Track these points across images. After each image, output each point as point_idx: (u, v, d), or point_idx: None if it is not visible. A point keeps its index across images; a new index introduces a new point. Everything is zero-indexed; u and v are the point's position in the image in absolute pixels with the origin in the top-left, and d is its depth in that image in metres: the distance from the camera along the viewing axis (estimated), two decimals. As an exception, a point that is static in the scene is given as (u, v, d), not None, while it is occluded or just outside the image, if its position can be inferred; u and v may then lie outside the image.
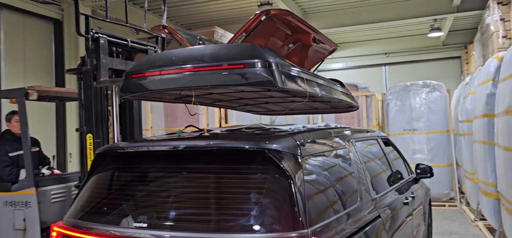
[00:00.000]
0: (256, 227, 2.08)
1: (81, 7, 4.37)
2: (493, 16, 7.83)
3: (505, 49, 7.60)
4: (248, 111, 4.60)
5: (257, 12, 3.22)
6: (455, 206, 8.99)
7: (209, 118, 6.93)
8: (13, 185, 4.49)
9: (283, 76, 2.43)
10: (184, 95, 3.19)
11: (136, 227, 2.27)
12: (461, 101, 9.04)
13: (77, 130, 4.19)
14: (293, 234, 2.03)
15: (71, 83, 7.69)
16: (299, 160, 2.35)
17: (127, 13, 4.59)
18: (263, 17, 3.00)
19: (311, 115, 9.57)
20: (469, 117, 7.78)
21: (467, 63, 13.06)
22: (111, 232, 2.35)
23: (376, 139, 4.18)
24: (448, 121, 9.47)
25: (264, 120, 7.27)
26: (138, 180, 2.61)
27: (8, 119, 4.84)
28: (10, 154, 4.71)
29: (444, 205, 8.95)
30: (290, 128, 2.93)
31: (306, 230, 2.06)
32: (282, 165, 2.21)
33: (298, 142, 2.50)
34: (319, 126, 3.61)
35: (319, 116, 9.57)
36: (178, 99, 3.37)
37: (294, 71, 2.70)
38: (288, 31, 3.46)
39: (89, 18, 3.96)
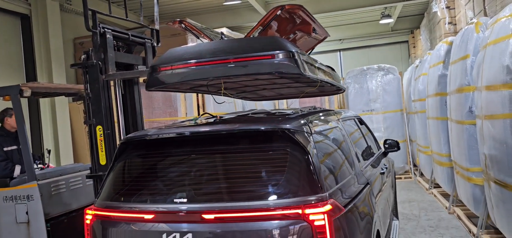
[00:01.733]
0: (284, 194, 2.51)
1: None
2: (439, 4, 8.66)
3: (451, 34, 8.46)
4: (258, 98, 5.02)
5: (273, 7, 3.64)
6: (410, 178, 9.90)
7: (187, 106, 7.22)
8: (12, 180, 4.60)
9: (305, 65, 2.86)
10: (209, 85, 3.46)
11: (175, 202, 2.63)
12: (412, 83, 9.89)
13: (85, 123, 4.35)
14: (315, 197, 2.48)
15: (42, 79, 7.66)
16: (310, 137, 2.80)
17: (127, 8, 4.79)
18: (279, 12, 3.43)
19: (276, 101, 10.09)
20: (421, 97, 8.61)
21: (414, 46, 14.12)
22: (149, 208, 2.67)
23: (354, 119, 4.73)
24: (401, 101, 10.33)
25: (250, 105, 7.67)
26: (167, 163, 2.93)
27: (2, 116, 4.90)
28: (5, 149, 4.80)
29: (400, 178, 9.82)
30: (292, 112, 3.37)
31: (325, 193, 2.52)
32: (299, 141, 2.65)
33: (305, 122, 2.95)
34: (308, 108, 4.08)
35: (284, 101, 10.13)
36: (200, 89, 3.62)
37: (310, 60, 3.11)
38: (295, 22, 3.88)
39: (96, 13, 4.11)
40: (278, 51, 2.77)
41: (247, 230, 2.45)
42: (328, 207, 2.44)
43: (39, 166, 5.13)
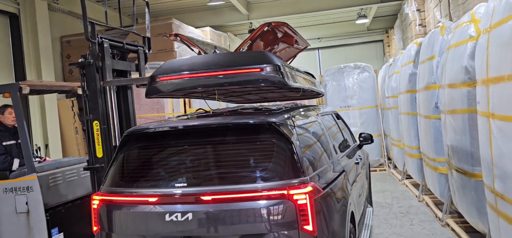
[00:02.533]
0: (271, 178, 2.91)
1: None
2: (411, 7, 9.22)
3: (421, 35, 9.04)
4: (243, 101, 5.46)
5: (261, 24, 4.13)
6: (384, 170, 10.47)
7: (174, 103, 7.55)
8: (11, 173, 4.86)
9: (290, 77, 3.30)
10: (203, 92, 3.86)
11: (176, 186, 3.00)
12: (386, 80, 10.45)
13: (82, 118, 4.67)
14: (298, 180, 2.89)
15: (31, 76, 7.85)
16: (293, 129, 3.22)
17: (121, 17, 5.11)
18: (266, 28, 3.88)
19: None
20: (394, 93, 9.16)
21: (388, 46, 14.75)
22: (152, 192, 3.04)
23: (331, 114, 5.18)
24: (376, 97, 10.89)
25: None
26: (167, 153, 3.30)
27: (1, 112, 5.15)
28: (4, 143, 5.06)
29: (375, 170, 10.37)
30: (277, 108, 3.78)
31: (306, 177, 2.94)
32: (284, 132, 3.06)
33: (288, 116, 3.37)
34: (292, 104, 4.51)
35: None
36: (193, 94, 4.02)
37: (293, 72, 3.56)
38: (279, 35, 4.33)
39: (95, 25, 4.44)
40: (265, 65, 3.20)
41: (239, 209, 2.85)
42: (309, 188, 2.86)
43: (36, 159, 5.39)
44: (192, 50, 4.75)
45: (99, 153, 4.70)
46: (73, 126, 8.15)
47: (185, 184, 3.00)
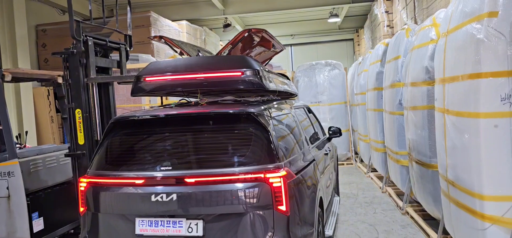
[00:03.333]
0: (249, 163, 3.20)
1: None
2: (380, 9, 9.69)
3: (389, 36, 9.53)
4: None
5: (242, 30, 4.47)
6: (351, 164, 10.96)
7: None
8: (-8, 158, 4.95)
9: (267, 80, 3.61)
10: (186, 91, 4.09)
11: (162, 170, 3.25)
12: (355, 78, 10.93)
13: (65, 106, 4.82)
14: (274, 165, 3.20)
15: (7, 65, 7.82)
16: (269, 119, 3.52)
17: (105, 15, 5.27)
18: (246, 34, 4.20)
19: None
20: (362, 90, 9.64)
21: (358, 44, 15.30)
22: (139, 175, 3.28)
23: (303, 108, 5.52)
24: (345, 94, 11.35)
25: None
26: (153, 139, 3.53)
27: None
28: None
29: (343, 164, 10.85)
30: (254, 100, 4.08)
31: (281, 163, 3.25)
32: (262, 122, 3.36)
33: (265, 108, 3.67)
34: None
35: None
36: (176, 93, 4.26)
37: (270, 76, 3.87)
38: (258, 40, 4.64)
39: (81, 23, 4.60)
40: (245, 69, 3.51)
41: (220, 190, 3.12)
42: (283, 172, 3.17)
43: (17, 146, 5.47)
44: (175, 51, 4.99)
45: (81, 141, 4.87)
46: (48, 115, 8.17)
47: (170, 168, 3.24)
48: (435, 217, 5.44)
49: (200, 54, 4.81)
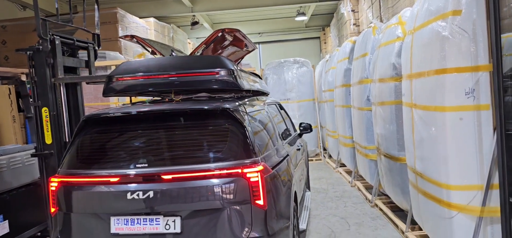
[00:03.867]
0: (227, 158, 3.21)
1: None
2: (346, 7, 9.90)
3: (355, 34, 9.76)
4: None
5: (215, 30, 4.48)
6: (320, 160, 11.15)
7: (119, 93, 7.56)
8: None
9: (242, 79, 3.63)
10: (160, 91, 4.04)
11: (137, 167, 3.21)
12: (323, 75, 11.12)
13: (31, 104, 4.65)
14: (251, 160, 3.22)
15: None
16: (245, 115, 3.54)
17: (71, 13, 5.12)
18: (220, 33, 4.21)
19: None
20: (330, 87, 9.82)
21: (325, 43, 15.56)
22: (113, 173, 3.22)
23: (275, 104, 5.58)
24: (313, 91, 11.53)
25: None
26: (127, 136, 3.47)
27: None
28: None
29: (312, 160, 11.01)
30: (229, 96, 4.09)
31: (258, 158, 3.28)
32: (238, 118, 3.38)
33: (240, 103, 3.69)
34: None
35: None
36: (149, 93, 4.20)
37: (244, 75, 3.89)
38: (231, 40, 4.66)
39: (47, 22, 4.46)
40: (220, 69, 3.54)
41: (198, 186, 3.12)
42: (260, 167, 3.20)
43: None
44: (147, 50, 4.93)
45: (48, 140, 4.72)
46: (10, 114, 7.83)
47: (146, 165, 3.21)
48: (403, 209, 5.64)
49: (173, 53, 4.79)
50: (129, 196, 3.13)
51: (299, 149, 5.39)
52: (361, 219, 5.85)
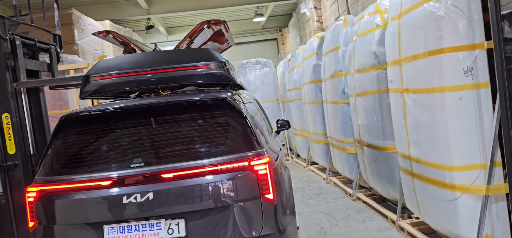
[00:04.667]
0: (231, 151, 2.95)
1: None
2: (308, 5, 9.91)
3: (319, 30, 9.78)
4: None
5: (201, 22, 4.25)
6: (288, 160, 11.06)
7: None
8: None
9: (234, 72, 3.41)
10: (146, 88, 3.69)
11: (132, 167, 2.86)
12: (286, 74, 11.05)
13: None
14: (257, 152, 2.98)
15: None
16: (243, 105, 3.30)
17: (31, 12, 4.66)
18: (205, 25, 3.95)
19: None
20: (296, 86, 9.74)
21: (283, 43, 15.58)
22: (104, 176, 2.86)
23: (255, 100, 5.37)
24: (276, 91, 11.45)
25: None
26: (117, 135, 3.11)
27: None
28: None
29: (279, 160, 10.87)
30: (217, 89, 3.82)
31: (262, 149, 3.05)
32: (237, 108, 3.13)
33: (235, 93, 3.44)
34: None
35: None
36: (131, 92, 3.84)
37: (233, 68, 3.66)
38: (210, 34, 4.41)
39: (6, 20, 3.99)
40: (211, 62, 3.31)
41: (202, 183, 2.83)
42: (267, 159, 2.97)
43: None
44: (126, 47, 4.57)
45: (11, 149, 4.21)
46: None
47: (142, 164, 2.87)
48: (389, 199, 5.61)
49: (157, 48, 4.46)
50: (125, 200, 2.79)
51: (283, 144, 5.20)
52: (346, 213, 5.75)
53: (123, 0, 10.54)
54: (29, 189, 3.00)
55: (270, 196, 2.92)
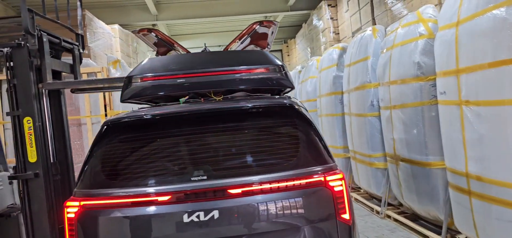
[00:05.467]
0: (303, 164, 2.61)
1: None
2: (324, 15, 9.67)
3: (335, 41, 9.53)
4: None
5: (252, 22, 4.00)
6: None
7: (92, 104, 6.62)
8: None
9: (291, 77, 3.12)
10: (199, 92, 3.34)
11: (194, 180, 2.50)
12: (297, 86, 10.76)
13: (8, 114, 3.74)
14: (330, 165, 2.65)
15: None
16: (307, 112, 2.97)
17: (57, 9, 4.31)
18: (257, 25, 3.66)
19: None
20: (310, 97, 9.45)
21: (288, 55, 15.33)
22: (162, 190, 2.49)
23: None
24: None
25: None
26: (173, 143, 2.73)
27: None
28: None
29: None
30: (269, 95, 3.49)
31: (334, 163, 2.72)
32: (305, 115, 2.81)
33: (294, 99, 3.12)
34: None
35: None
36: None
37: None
38: (256, 35, 4.13)
39: (34, 14, 3.64)
40: (269, 65, 3.07)
41: (273, 200, 2.48)
42: (341, 174, 2.65)
43: None
44: (170, 47, 4.23)
45: (32, 157, 3.81)
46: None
47: (204, 177, 2.52)
48: (422, 217, 5.31)
49: (207, 49, 4.13)
50: (185, 218, 2.43)
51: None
52: (379, 232, 5.43)
53: (132, 4, 10.19)
54: (69, 203, 2.61)
55: (346, 215, 2.59)
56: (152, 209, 2.47)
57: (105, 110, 6.67)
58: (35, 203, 3.79)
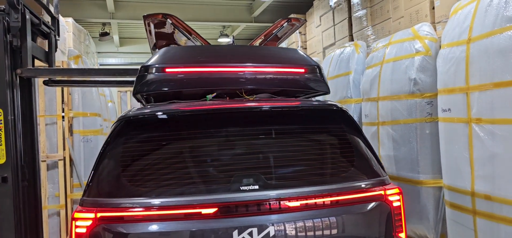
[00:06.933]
0: (354, 176, 2.33)
1: None
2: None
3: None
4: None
5: (279, 19, 3.76)
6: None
7: (47, 101, 5.84)
8: None
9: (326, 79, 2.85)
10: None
11: (242, 190, 2.11)
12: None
13: None
14: (385, 178, 2.40)
15: None
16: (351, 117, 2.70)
17: None
18: (285, 23, 3.37)
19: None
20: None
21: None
22: (205, 201, 2.07)
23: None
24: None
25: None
26: (208, 146, 2.31)
27: None
28: None
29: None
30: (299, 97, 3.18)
31: (387, 176, 2.47)
32: (352, 120, 2.54)
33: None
34: None
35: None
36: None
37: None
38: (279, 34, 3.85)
39: None
40: (307, 65, 2.80)
41: (335, 214, 2.17)
42: (397, 189, 2.40)
43: None
44: (187, 36, 3.75)
45: (1, 158, 3.17)
46: None
47: (256, 187, 2.13)
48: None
49: (234, 42, 3.75)
50: (235, 235, 2.02)
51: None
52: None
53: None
54: (77, 214, 2.09)
55: (402, 235, 2.34)
56: (194, 224, 2.03)
57: (62, 108, 5.92)
58: (1, 213, 3.13)
